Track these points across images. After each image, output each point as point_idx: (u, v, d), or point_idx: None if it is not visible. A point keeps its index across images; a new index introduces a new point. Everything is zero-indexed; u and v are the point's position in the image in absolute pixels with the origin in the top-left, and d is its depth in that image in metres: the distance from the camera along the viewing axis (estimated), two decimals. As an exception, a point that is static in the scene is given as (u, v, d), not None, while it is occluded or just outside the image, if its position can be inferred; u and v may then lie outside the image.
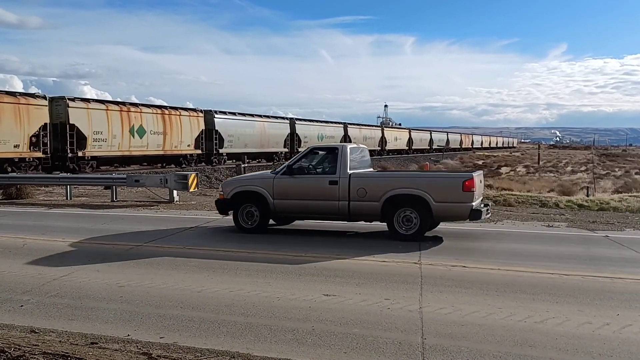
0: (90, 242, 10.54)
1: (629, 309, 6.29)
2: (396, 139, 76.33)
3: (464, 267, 8.35)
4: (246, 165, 33.64)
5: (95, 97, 42.89)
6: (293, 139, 51.04)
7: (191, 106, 47.41)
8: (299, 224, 13.32)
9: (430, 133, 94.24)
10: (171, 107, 38.15)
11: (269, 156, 47.71)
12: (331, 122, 61.92)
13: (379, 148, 68.97)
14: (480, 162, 75.53)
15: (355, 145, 12.38)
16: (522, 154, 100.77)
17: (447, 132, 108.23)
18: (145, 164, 36.05)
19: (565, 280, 7.56)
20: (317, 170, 11.75)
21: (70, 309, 6.28)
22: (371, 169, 12.95)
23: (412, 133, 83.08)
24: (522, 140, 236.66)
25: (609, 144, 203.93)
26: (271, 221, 11.88)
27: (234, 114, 44.15)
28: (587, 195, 25.05)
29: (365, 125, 70.21)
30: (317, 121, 58.70)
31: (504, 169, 62.15)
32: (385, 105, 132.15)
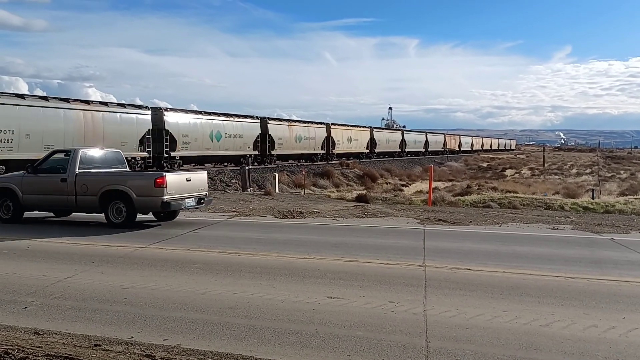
0: (93, 243, 10.55)
1: (636, 313, 6.24)
2: (350, 140, 59.09)
3: (469, 269, 8.31)
4: (250, 167, 33.27)
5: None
6: (161, 137, 33.77)
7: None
8: (304, 223, 13.33)
9: (403, 133, 77.53)
10: None
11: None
12: (242, 117, 43.18)
13: (323, 151, 53.54)
14: (485, 165, 75.40)
15: (95, 149, 14.93)
16: (526, 157, 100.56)
17: (426, 133, 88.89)
18: None
19: (570, 283, 7.52)
20: (57, 169, 13.40)
21: (73, 310, 6.28)
22: (121, 169, 14.45)
23: (374, 132, 66.36)
24: (527, 143, 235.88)
25: (614, 147, 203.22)
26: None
27: (21, 97, 26.92)
28: (593, 198, 24.98)
29: (300, 122, 52.60)
30: (210, 113, 39.58)
31: (508, 172, 62.05)
32: (390, 108, 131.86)
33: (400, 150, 73.73)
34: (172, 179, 12.73)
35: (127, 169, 14.99)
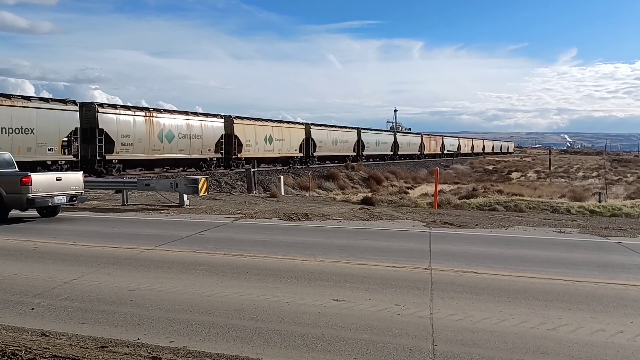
0: (100, 245, 10.58)
1: (643, 317, 6.20)
2: (269, 140, 44.97)
3: (475, 273, 8.29)
4: (256, 169, 33.20)
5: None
6: None
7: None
8: (309, 225, 13.33)
9: (359, 133, 61.14)
10: None
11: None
12: (44, 101, 28.15)
13: (219, 155, 39.33)
14: (490, 167, 75.24)
15: None
16: (532, 159, 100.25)
17: (395, 133, 75.26)
18: None
19: (577, 287, 7.48)
20: None
21: (80, 312, 6.30)
22: (11, 169, 15.12)
23: (312, 130, 51.19)
24: (533, 146, 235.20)
25: (620, 150, 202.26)
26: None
27: None
28: (599, 201, 24.88)
29: (175, 112, 36.88)
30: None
31: (514, 174, 61.89)
32: (395, 110, 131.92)
33: (355, 153, 59.48)
34: (39, 178, 14.24)
35: (16, 169, 15.61)
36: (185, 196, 17.87)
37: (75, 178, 15.46)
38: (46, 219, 14.78)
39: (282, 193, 26.45)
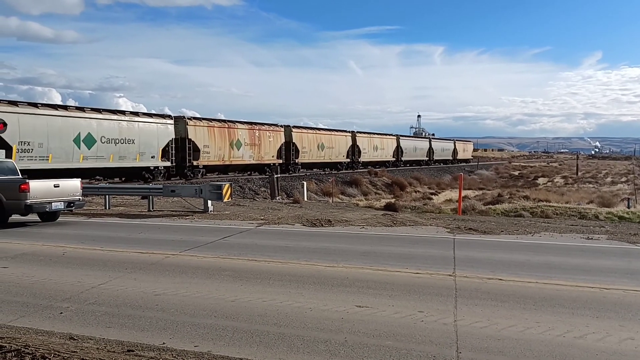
0: (127, 250, 10.75)
1: (675, 326, 6.05)
2: (246, 145, 39.77)
3: (500, 280, 8.19)
4: (279, 175, 33.17)
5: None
6: None
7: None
8: (332, 231, 13.33)
9: (354, 136, 54.53)
10: None
11: None
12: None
13: (169, 163, 32.57)
14: (516, 173, 74.29)
15: None
16: (559, 165, 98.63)
17: (398, 137, 66.02)
18: None
19: (605, 295, 7.34)
20: None
21: (107, 316, 6.41)
22: (11, 176, 15.41)
23: (293, 133, 45.20)
24: (560, 151, 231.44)
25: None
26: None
27: None
28: (628, 207, 24.34)
29: (98, 110, 29.57)
30: None
31: (541, 180, 60.97)
32: (419, 116, 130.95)
33: (349, 160, 52.44)
34: (36, 185, 14.79)
35: (19, 176, 15.89)
36: (209, 202, 18.07)
37: (73, 185, 16.04)
38: (74, 226, 15.08)
39: (305, 199, 26.52)
